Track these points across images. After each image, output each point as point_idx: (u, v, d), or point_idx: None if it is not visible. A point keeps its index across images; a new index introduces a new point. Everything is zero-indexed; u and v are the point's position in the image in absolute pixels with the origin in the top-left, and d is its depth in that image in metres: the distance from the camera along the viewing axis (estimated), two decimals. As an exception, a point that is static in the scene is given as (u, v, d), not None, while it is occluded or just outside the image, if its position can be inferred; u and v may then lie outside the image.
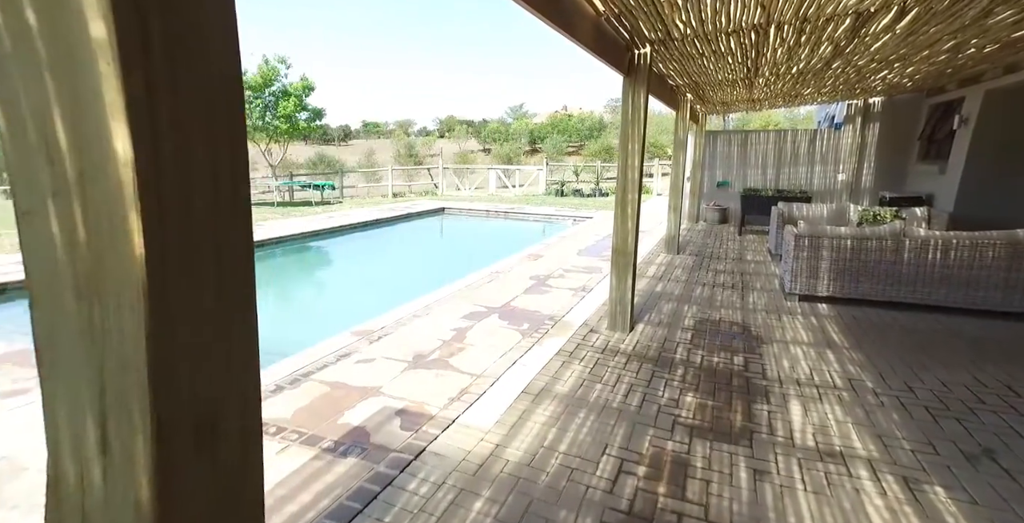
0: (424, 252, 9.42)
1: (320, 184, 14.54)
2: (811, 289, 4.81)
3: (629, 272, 4.02)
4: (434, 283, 5.46)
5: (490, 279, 5.63)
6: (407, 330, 3.95)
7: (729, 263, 6.72)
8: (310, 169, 25.85)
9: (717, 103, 8.10)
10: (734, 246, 7.92)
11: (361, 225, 9.96)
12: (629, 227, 3.96)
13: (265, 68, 14.92)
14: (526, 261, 6.61)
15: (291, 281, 7.61)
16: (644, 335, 4.04)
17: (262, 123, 15.48)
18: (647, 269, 6.32)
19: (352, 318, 4.27)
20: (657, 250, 7.50)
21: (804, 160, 9.49)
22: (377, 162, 31.14)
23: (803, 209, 7.01)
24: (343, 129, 77.71)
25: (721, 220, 10.19)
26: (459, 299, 4.81)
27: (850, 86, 6.45)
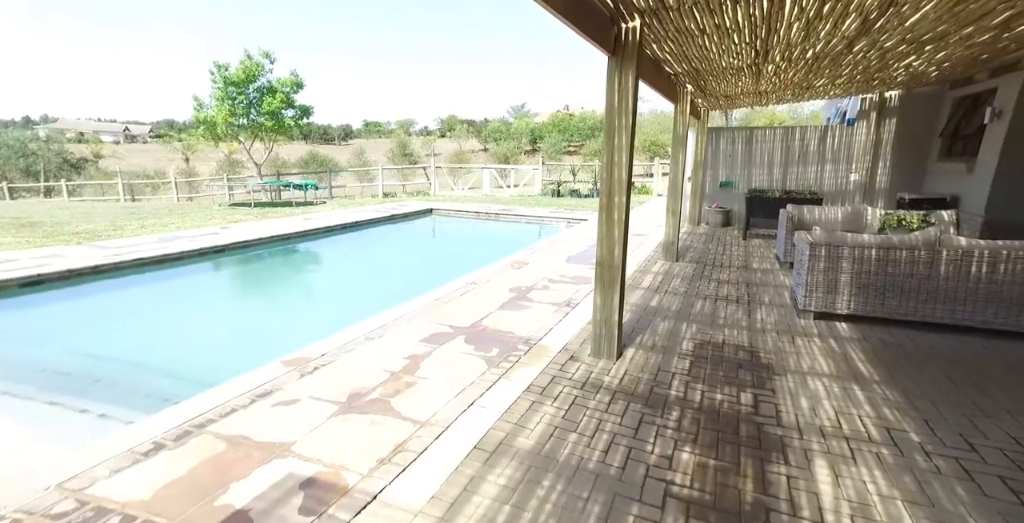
0: (400, 258, 8.71)
1: (302, 184, 13.91)
2: (828, 306, 4.17)
3: (616, 289, 3.39)
4: (402, 295, 4.84)
5: (464, 291, 5.00)
6: (351, 358, 3.33)
7: (733, 272, 6.08)
8: (302, 168, 25.29)
9: (720, 96, 7.46)
10: (738, 252, 7.28)
11: (339, 228, 9.34)
12: (616, 236, 3.33)
13: (248, 63, 14.31)
14: (508, 269, 5.98)
15: (238, 294, 6.88)
16: (634, 364, 3.41)
17: (246, 121, 14.88)
18: (642, 279, 5.68)
19: (294, 341, 3.65)
20: (654, 257, 6.87)
21: (814, 159, 8.85)
22: (369, 161, 30.56)
23: (815, 212, 6.37)
24: (344, 128, 77.40)
25: (724, 223, 9.55)
26: (423, 316, 4.18)
27: (868, 76, 5.81)
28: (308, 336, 3.72)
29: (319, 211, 11.38)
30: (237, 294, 6.84)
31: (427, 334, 3.78)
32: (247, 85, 14.36)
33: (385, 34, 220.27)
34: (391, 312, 4.23)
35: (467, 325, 4.01)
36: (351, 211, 11.20)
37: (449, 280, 5.52)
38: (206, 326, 5.27)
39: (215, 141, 15.80)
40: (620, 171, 3.26)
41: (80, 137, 58.34)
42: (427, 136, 64.28)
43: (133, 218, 10.28)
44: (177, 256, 6.69)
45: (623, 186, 3.27)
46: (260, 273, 7.73)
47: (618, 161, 3.25)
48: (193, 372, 3.90)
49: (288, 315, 5.88)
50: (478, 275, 5.67)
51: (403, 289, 5.58)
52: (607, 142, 3.28)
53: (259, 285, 7.23)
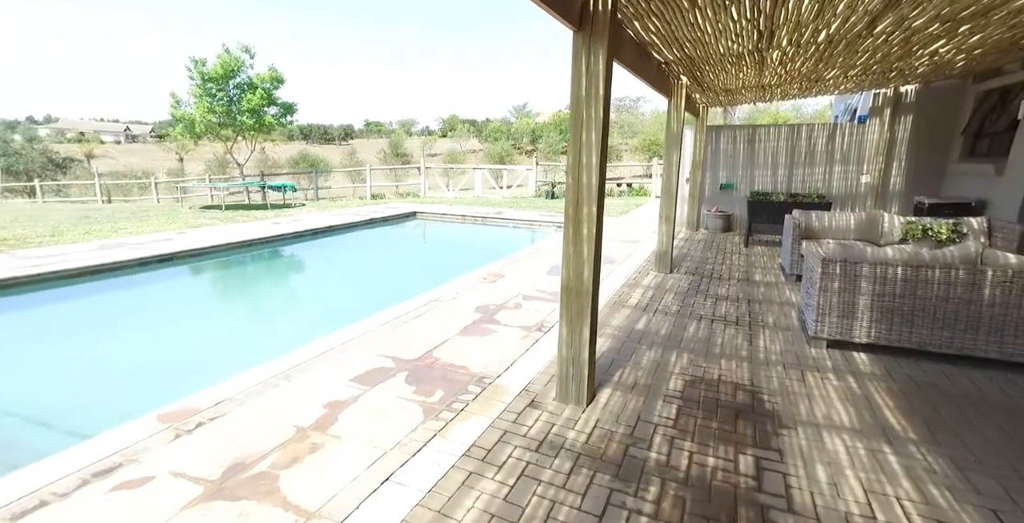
0: (367, 269, 7.90)
1: (277, 185, 13.22)
2: (844, 333, 3.52)
3: (585, 320, 2.75)
4: (356, 315, 4.21)
5: (423, 311, 4.37)
6: (253, 408, 2.69)
7: (733, 286, 5.43)
8: (291, 168, 24.68)
9: (719, 91, 6.81)
10: (739, 262, 6.63)
11: (309, 233, 8.70)
12: (585, 255, 2.69)
13: (227, 58, 13.68)
14: (480, 283, 5.35)
15: (164, 313, 5.58)
16: (607, 411, 2.77)
17: (227, 119, 14.27)
18: (630, 295, 5.04)
19: (201, 378, 3.02)
20: (646, 267, 6.22)
21: (821, 159, 8.18)
22: (361, 161, 29.95)
23: (824, 219, 5.72)
24: (344, 128, 77.05)
25: (724, 228, 8.90)
26: (366, 345, 3.54)
27: (886, 67, 5.15)
28: (223, 371, 3.09)
29: (294, 214, 10.76)
30: (162, 313, 5.65)
31: (362, 370, 3.14)
32: (226, 81, 13.73)
33: (386, 33, 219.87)
34: (327, 340, 3.59)
35: (414, 357, 3.37)
36: (328, 214, 10.57)
37: (415, 295, 4.90)
38: (103, 356, 4.37)
39: (194, 140, 15.20)
40: (590, 174, 2.62)
41: (80, 137, 57.93)
42: (428, 136, 63.84)
43: (85, 222, 9.65)
44: (111, 267, 6.05)
45: (594, 193, 2.63)
46: (200, 287, 6.91)
47: (587, 162, 2.61)
48: (50, 422, 3.13)
49: (215, 341, 4.84)
50: (445, 290, 5.03)
51: (360, 307, 4.95)
52: (573, 138, 2.64)
53: (193, 302, 6.22)
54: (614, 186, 18.14)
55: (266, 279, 7.38)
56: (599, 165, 2.60)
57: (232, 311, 6.11)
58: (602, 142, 2.59)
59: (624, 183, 18.65)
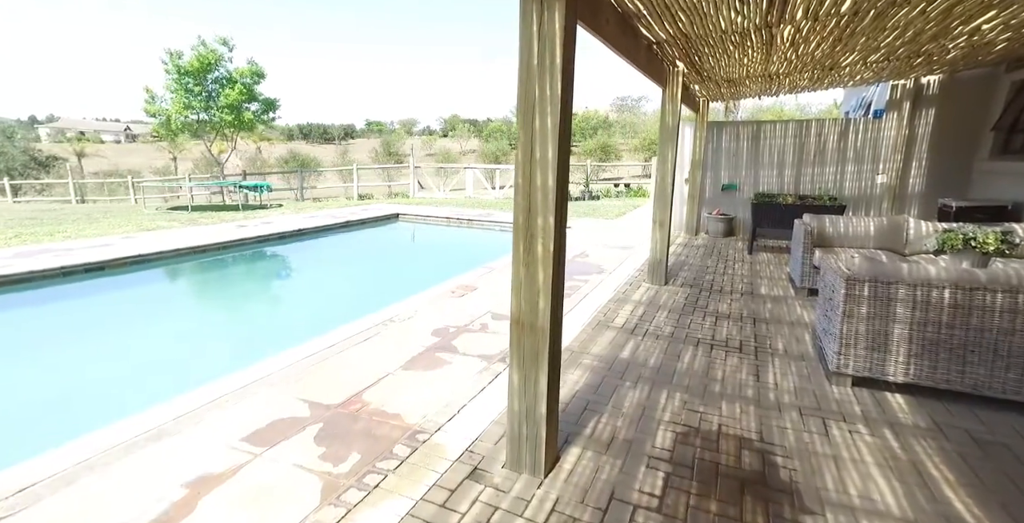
0: (323, 281, 7.04)
1: (251, 185, 12.52)
2: (875, 368, 2.85)
3: (543, 364, 2.08)
4: (289, 340, 3.55)
5: (371, 334, 3.70)
6: (82, 490, 2.02)
7: (736, 301, 4.75)
8: (281, 167, 24.06)
9: (720, 81, 6.13)
10: (743, 271, 5.95)
11: (275, 237, 8.04)
12: (540, 281, 2.02)
13: (203, 50, 13.01)
14: (447, 298, 4.68)
15: (55, 339, 4.59)
16: (571, 485, 2.09)
17: (206, 115, 13.62)
18: (616, 312, 4.37)
19: (38, 441, 2.36)
20: (638, 278, 5.55)
21: (833, 158, 7.50)
22: (352, 161, 29.29)
23: (838, 224, 5.05)
24: (344, 128, 76.59)
25: (726, 232, 8.22)
26: (282, 384, 2.88)
27: (914, 50, 4.47)
28: (79, 426, 2.43)
29: (267, 216, 10.09)
30: (51, 339, 4.56)
31: (263, 422, 2.47)
32: (203, 75, 13.06)
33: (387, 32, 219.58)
34: (238, 377, 2.93)
35: (338, 401, 2.70)
36: (302, 216, 9.91)
37: (372, 312, 4.24)
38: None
39: (170, 137, 14.55)
40: (545, 173, 1.95)
41: (80, 136, 57.51)
42: (429, 135, 63.32)
43: (27, 224, 8.96)
44: (16, 278, 5.33)
45: (551, 198, 1.96)
46: (118, 303, 5.71)
47: (541, 157, 1.94)
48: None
49: (101, 380, 3.79)
50: (403, 307, 4.36)
51: (302, 329, 4.31)
52: (523, 125, 1.97)
53: (100, 323, 5.03)
54: (611, 186, 17.46)
55: (202, 294, 6.37)
56: (557, 161, 1.93)
57: (145, 336, 4.83)
58: (561, 130, 1.92)
59: (622, 183, 17.98)
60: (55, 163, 24.09)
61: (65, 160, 25.60)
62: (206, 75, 13.07)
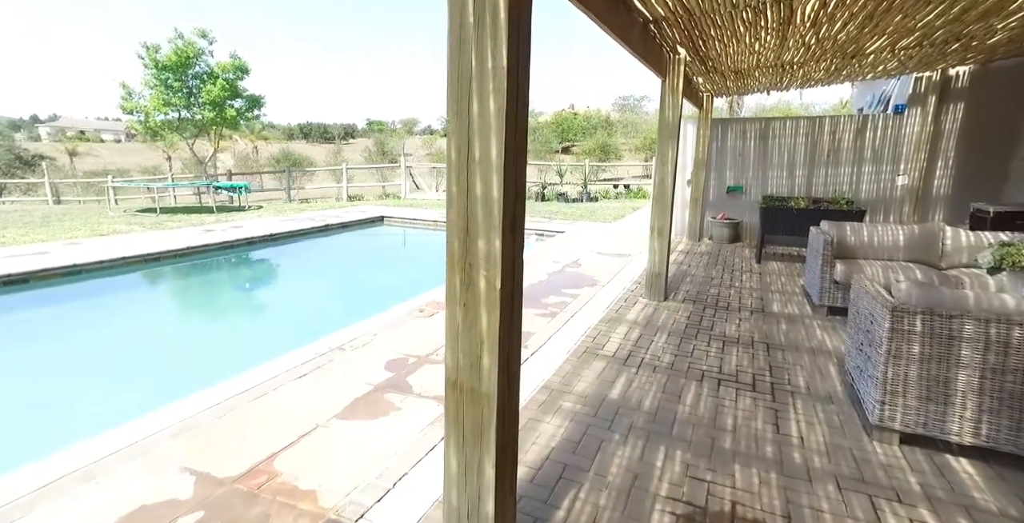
0: (283, 295, 6.31)
1: (227, 186, 11.86)
2: (931, 424, 2.24)
3: (489, 445, 1.48)
4: (222, 372, 2.96)
5: (313, 367, 3.10)
6: None
7: (746, 320, 4.15)
8: (272, 166, 23.49)
9: (726, 72, 5.53)
10: (751, 284, 5.35)
11: (243, 243, 7.44)
12: (483, 330, 1.43)
13: (181, 44, 12.40)
14: (413, 318, 4.08)
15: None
16: (530, 616, 1.49)
17: (187, 112, 13.04)
18: (608, 336, 3.76)
19: None
20: (635, 292, 4.95)
21: (848, 158, 6.89)
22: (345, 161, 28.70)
23: (861, 233, 4.45)
24: (345, 127, 76.21)
25: (732, 238, 7.61)
26: (171, 446, 2.28)
27: (954, 32, 3.87)
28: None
29: (241, 218, 9.49)
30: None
31: (124, 509, 1.87)
32: (183, 70, 12.47)
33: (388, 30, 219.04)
34: (120, 433, 2.32)
35: (240, 471, 2.10)
36: (279, 219, 9.32)
37: (327, 333, 3.65)
38: None
39: (149, 135, 13.99)
40: (488, 180, 1.36)
41: (80, 135, 57.08)
42: (430, 135, 62.87)
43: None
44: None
45: (496, 214, 1.36)
46: (21, 325, 4.83)
47: (482, 156, 1.36)
48: None
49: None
50: (361, 329, 3.76)
51: (242, 357, 3.72)
52: (455, 114, 1.38)
53: None
54: (610, 187, 16.85)
55: (129, 315, 5.21)
56: (504, 162, 1.33)
57: (32, 374, 3.90)
58: (510, 117, 1.33)
59: (622, 184, 17.37)
60: (41, 162, 23.54)
61: (53, 159, 25.08)
62: (186, 70, 12.47)
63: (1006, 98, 5.58)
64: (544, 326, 3.94)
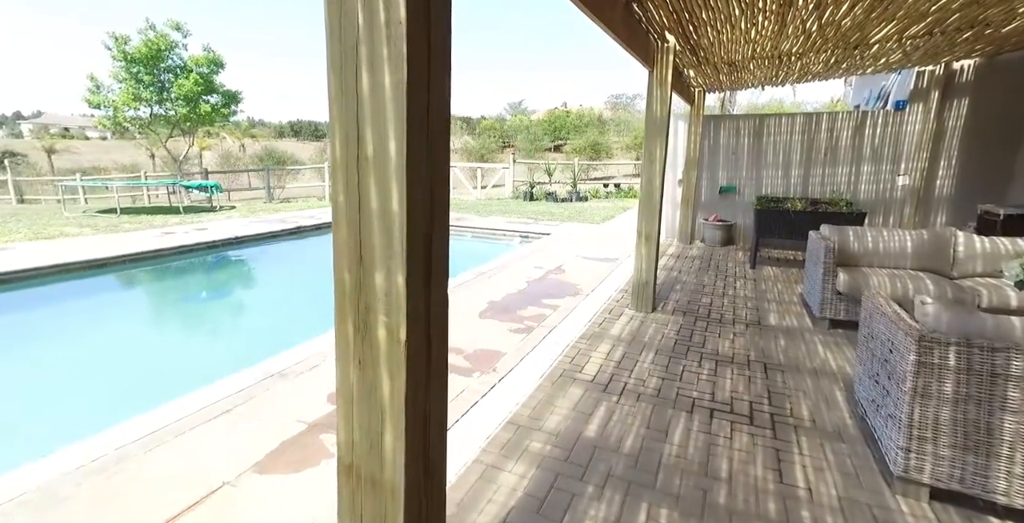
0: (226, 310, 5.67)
1: (196, 185, 11.25)
2: (969, 479, 1.86)
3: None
4: (116, 415, 2.52)
5: (237, 402, 2.67)
6: None
7: (740, 336, 3.77)
8: (257, 165, 22.86)
9: (719, 63, 5.15)
10: (746, 291, 4.98)
11: (203, 247, 6.92)
12: (386, 398, 1.01)
13: (152, 36, 11.78)
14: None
15: None
16: None
17: (160, 108, 12.45)
18: (588, 355, 3.37)
19: None
20: (621, 302, 4.55)
21: (846, 156, 6.55)
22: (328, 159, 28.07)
23: (865, 238, 4.09)
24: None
25: (725, 240, 7.25)
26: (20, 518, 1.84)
27: (967, 20, 3.50)
28: None
29: (208, 220, 8.97)
30: None
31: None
32: (155, 64, 11.86)
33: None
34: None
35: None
36: (248, 221, 8.83)
37: (271, 356, 3.22)
38: None
39: (118, 130, 13.38)
40: (386, 187, 0.93)
41: (65, 132, 55.84)
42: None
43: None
44: None
45: (398, 238, 0.94)
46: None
47: (376, 154, 0.93)
48: None
49: None
50: (308, 351, 3.33)
51: (168, 385, 3.28)
52: (338, 91, 0.95)
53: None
54: (600, 187, 16.48)
55: (48, 335, 4.45)
56: (409, 161, 0.92)
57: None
58: (415, 96, 0.91)
59: (612, 183, 17.00)
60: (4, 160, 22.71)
61: (25, 156, 24.26)
62: (157, 63, 11.87)
63: (1013, 93, 5.25)
64: (517, 344, 3.53)
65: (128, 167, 22.68)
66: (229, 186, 20.75)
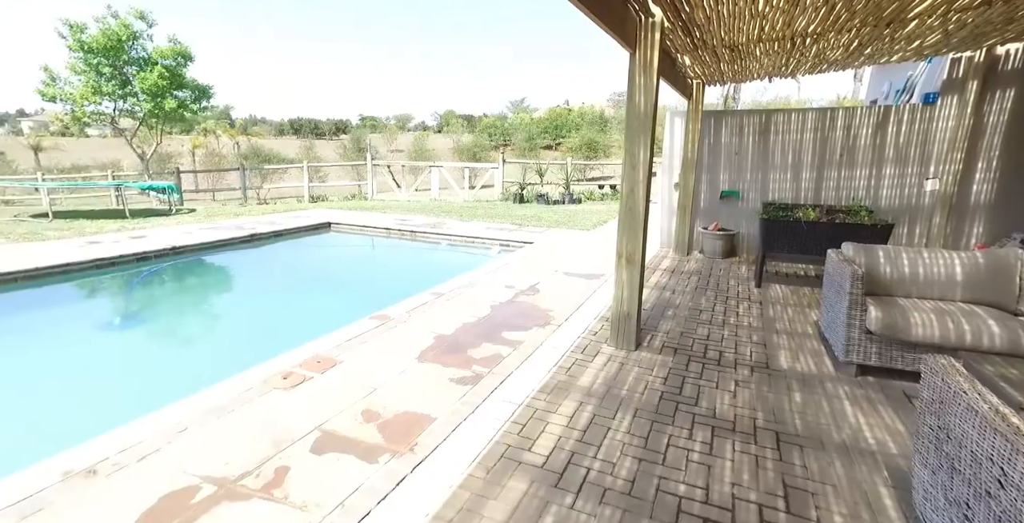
0: (120, 348, 4.35)
1: (143, 186, 10.30)
2: None
3: None
4: None
5: (70, 487, 1.87)
6: None
7: (744, 387, 2.96)
8: (241, 163, 22.06)
9: (719, 48, 4.32)
10: (750, 319, 4.16)
11: (132, 259, 6.06)
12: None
13: (112, 24, 10.92)
14: (267, 391, 2.85)
15: None
16: None
17: (124, 103, 11.65)
18: (545, 420, 2.56)
19: None
20: (599, 335, 3.75)
21: (866, 157, 5.72)
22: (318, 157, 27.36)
23: (900, 261, 3.29)
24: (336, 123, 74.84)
25: (726, 252, 6.44)
26: None
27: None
28: None
29: (153, 226, 8.12)
30: None
31: None
32: (115, 55, 11.02)
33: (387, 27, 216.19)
34: None
35: None
36: (200, 227, 8.01)
37: (108, 429, 2.43)
38: None
39: (77, 127, 12.60)
40: None
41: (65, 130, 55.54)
42: (424, 131, 61.75)
43: None
44: None
45: None
46: None
47: None
48: None
49: None
50: (154, 427, 2.53)
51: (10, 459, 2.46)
52: None
53: None
54: (595, 188, 15.65)
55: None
56: None
57: None
58: None
59: (608, 185, 16.16)
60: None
61: (2, 154, 23.54)
62: (117, 55, 11.04)
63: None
64: (455, 404, 2.72)
65: (109, 166, 21.96)
66: (213, 186, 20.03)
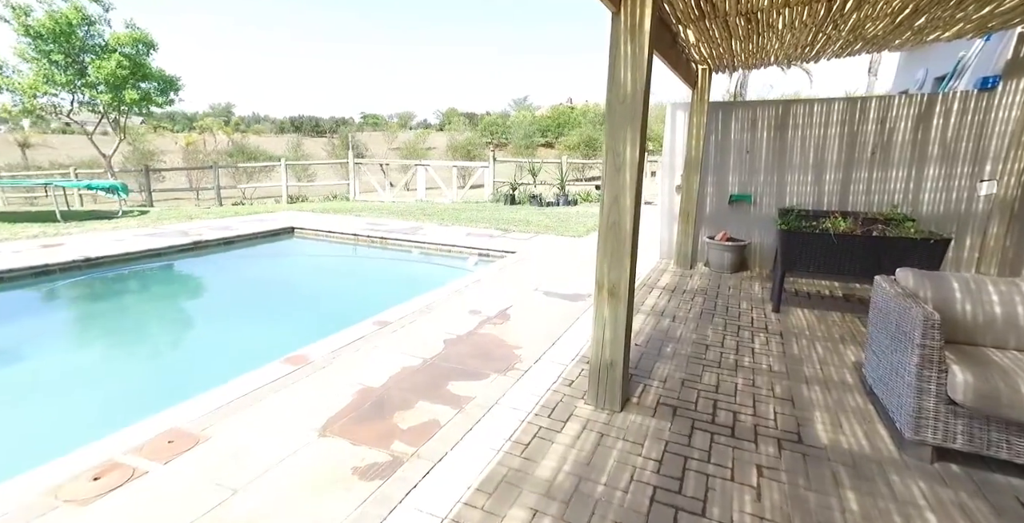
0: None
1: (81, 185, 9.42)
2: None
3: None
4: None
5: None
6: None
7: (769, 478, 2.07)
8: (224, 161, 21.23)
9: (733, 15, 3.42)
10: (770, 360, 3.27)
11: (26, 274, 5.06)
12: None
13: (64, 7, 9.97)
14: (65, 506, 1.97)
15: None
16: None
17: (81, 94, 10.76)
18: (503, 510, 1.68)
19: None
20: (576, 385, 2.86)
21: (904, 156, 4.82)
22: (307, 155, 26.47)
23: (983, 293, 2.39)
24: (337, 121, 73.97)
25: (736, 265, 5.54)
26: None
27: None
28: None
29: (83, 231, 7.17)
30: None
31: None
32: (66, 41, 10.09)
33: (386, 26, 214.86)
34: None
35: None
36: (140, 232, 7.10)
37: None
38: None
39: (30, 118, 11.73)
40: None
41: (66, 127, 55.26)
42: (425, 129, 61.03)
43: None
44: None
45: None
46: None
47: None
48: None
49: None
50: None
51: None
52: None
53: None
54: (592, 188, 14.74)
55: None
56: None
57: None
58: None
59: (606, 183, 15.23)
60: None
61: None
62: (70, 41, 10.13)
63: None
64: (349, 519, 1.84)
65: (86, 163, 21.14)
66: (197, 185, 19.20)
